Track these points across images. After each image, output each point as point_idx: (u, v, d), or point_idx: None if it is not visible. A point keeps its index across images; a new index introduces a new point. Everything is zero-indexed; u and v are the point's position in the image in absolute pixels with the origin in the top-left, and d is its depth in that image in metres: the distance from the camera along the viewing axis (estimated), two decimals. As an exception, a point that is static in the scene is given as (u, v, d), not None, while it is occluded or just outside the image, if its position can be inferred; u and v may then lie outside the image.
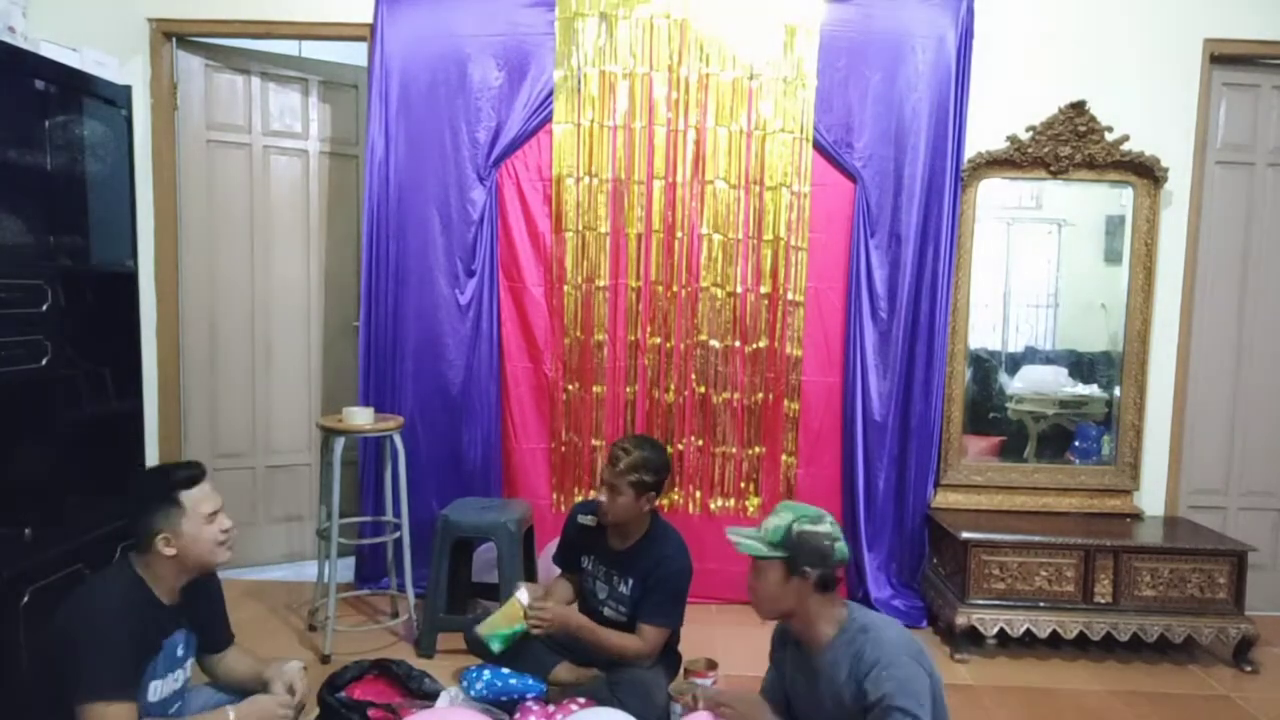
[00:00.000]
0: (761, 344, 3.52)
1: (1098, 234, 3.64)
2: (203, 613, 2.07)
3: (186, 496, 1.92)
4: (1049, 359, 3.69)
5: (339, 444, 3.04)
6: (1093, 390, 3.65)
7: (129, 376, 2.96)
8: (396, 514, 3.25)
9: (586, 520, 2.64)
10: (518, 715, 2.38)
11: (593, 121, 3.46)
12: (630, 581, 2.53)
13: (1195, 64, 3.49)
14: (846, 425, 3.55)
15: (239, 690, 2.08)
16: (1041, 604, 3.15)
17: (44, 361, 2.45)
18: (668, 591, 2.49)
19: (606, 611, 2.58)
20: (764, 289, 3.50)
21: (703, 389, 3.55)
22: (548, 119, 3.47)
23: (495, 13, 3.43)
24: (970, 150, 3.47)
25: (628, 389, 3.56)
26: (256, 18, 3.52)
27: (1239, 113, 3.59)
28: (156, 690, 1.93)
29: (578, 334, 3.54)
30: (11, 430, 2.36)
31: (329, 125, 3.95)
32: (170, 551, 1.89)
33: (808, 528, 1.86)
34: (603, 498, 2.50)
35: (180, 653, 2.01)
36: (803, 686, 1.95)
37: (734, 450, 3.56)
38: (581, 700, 2.36)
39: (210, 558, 1.96)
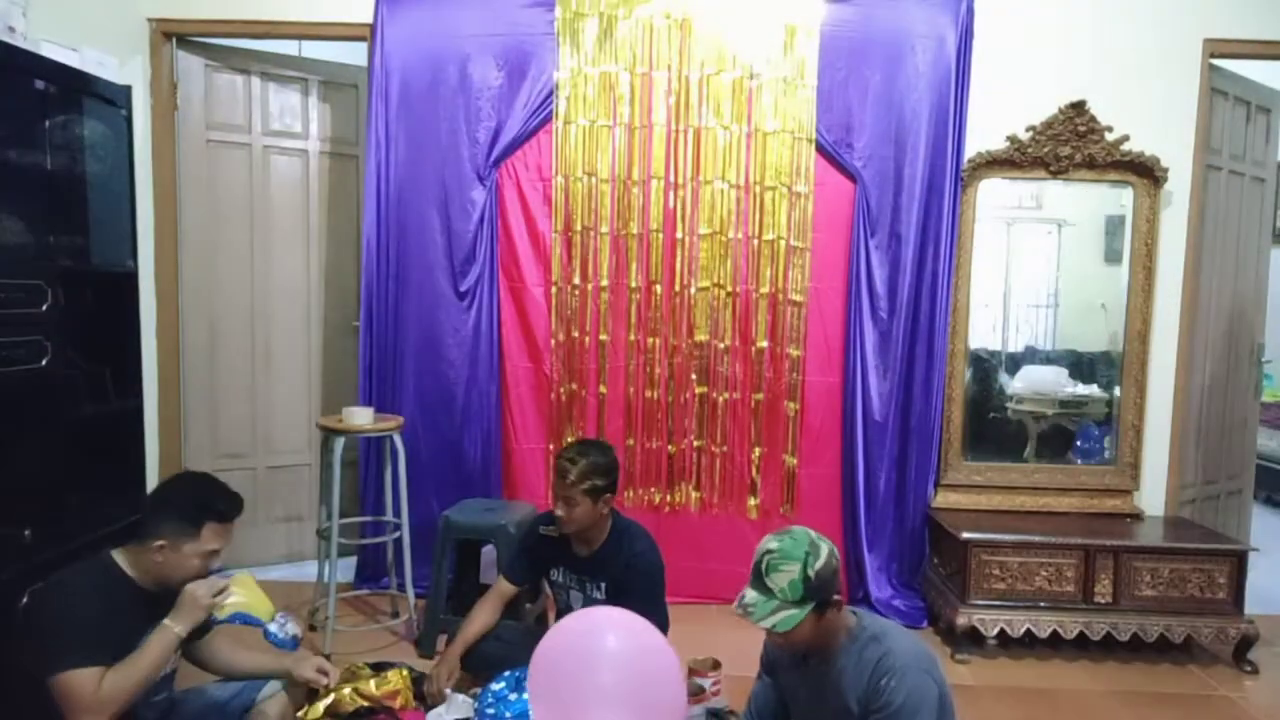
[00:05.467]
0: (761, 344, 3.52)
1: (1098, 234, 3.64)
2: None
3: (209, 528, 1.94)
4: (1049, 359, 3.70)
5: (339, 444, 3.04)
6: (1093, 390, 3.65)
7: (129, 376, 2.96)
8: (396, 514, 3.25)
9: (549, 531, 2.57)
10: None
11: (593, 121, 3.46)
12: (603, 585, 2.50)
13: (1195, 64, 3.49)
14: (846, 425, 3.55)
15: (239, 678, 2.13)
16: (1042, 604, 3.15)
17: (44, 361, 2.45)
18: (643, 590, 2.45)
19: None
20: (764, 289, 3.50)
21: (703, 389, 3.55)
22: (548, 119, 3.46)
23: (495, 13, 3.43)
24: (970, 150, 3.47)
25: (628, 389, 3.55)
26: (256, 18, 3.52)
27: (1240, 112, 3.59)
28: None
29: (577, 334, 3.54)
30: (11, 430, 2.36)
31: (329, 125, 3.95)
32: (158, 559, 1.91)
33: (819, 565, 1.74)
34: (559, 511, 2.45)
35: None
36: (807, 699, 1.92)
37: (734, 450, 3.56)
38: None
39: (180, 583, 1.95)
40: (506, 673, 2.35)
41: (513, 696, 2.27)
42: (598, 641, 1.90)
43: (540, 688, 1.89)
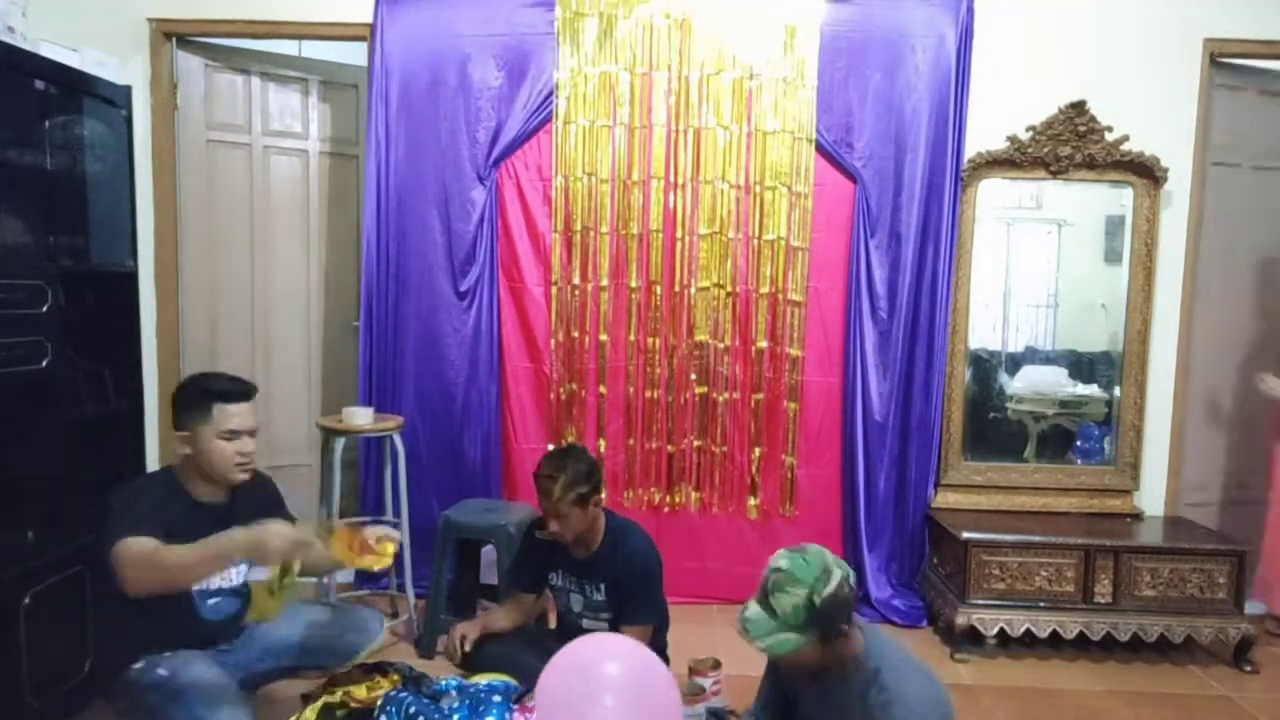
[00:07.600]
0: (761, 344, 3.52)
1: (1098, 234, 3.65)
2: (254, 515, 2.10)
3: (218, 408, 2.09)
4: (1049, 359, 3.70)
5: (339, 444, 3.05)
6: (1093, 390, 3.65)
7: (129, 376, 2.95)
8: (396, 514, 3.25)
9: (545, 536, 2.56)
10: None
11: (593, 121, 3.46)
12: (602, 586, 2.51)
13: (1195, 64, 3.49)
14: (846, 425, 3.55)
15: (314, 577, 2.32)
16: (1041, 604, 3.15)
17: (44, 362, 2.45)
18: (642, 588, 2.47)
19: (585, 623, 2.55)
20: (764, 289, 3.50)
21: (703, 389, 3.55)
22: (548, 119, 3.46)
23: (495, 13, 3.43)
24: (970, 150, 3.46)
25: (628, 389, 3.56)
26: (256, 18, 3.52)
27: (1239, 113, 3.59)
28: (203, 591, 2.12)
29: (577, 334, 3.54)
30: (12, 431, 2.36)
31: (329, 125, 3.94)
32: (186, 450, 2.08)
33: (827, 590, 1.65)
34: (553, 526, 2.45)
35: None
36: (817, 707, 1.88)
37: (734, 450, 3.56)
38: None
39: (225, 473, 2.11)
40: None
41: None
42: (600, 668, 1.91)
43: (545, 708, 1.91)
